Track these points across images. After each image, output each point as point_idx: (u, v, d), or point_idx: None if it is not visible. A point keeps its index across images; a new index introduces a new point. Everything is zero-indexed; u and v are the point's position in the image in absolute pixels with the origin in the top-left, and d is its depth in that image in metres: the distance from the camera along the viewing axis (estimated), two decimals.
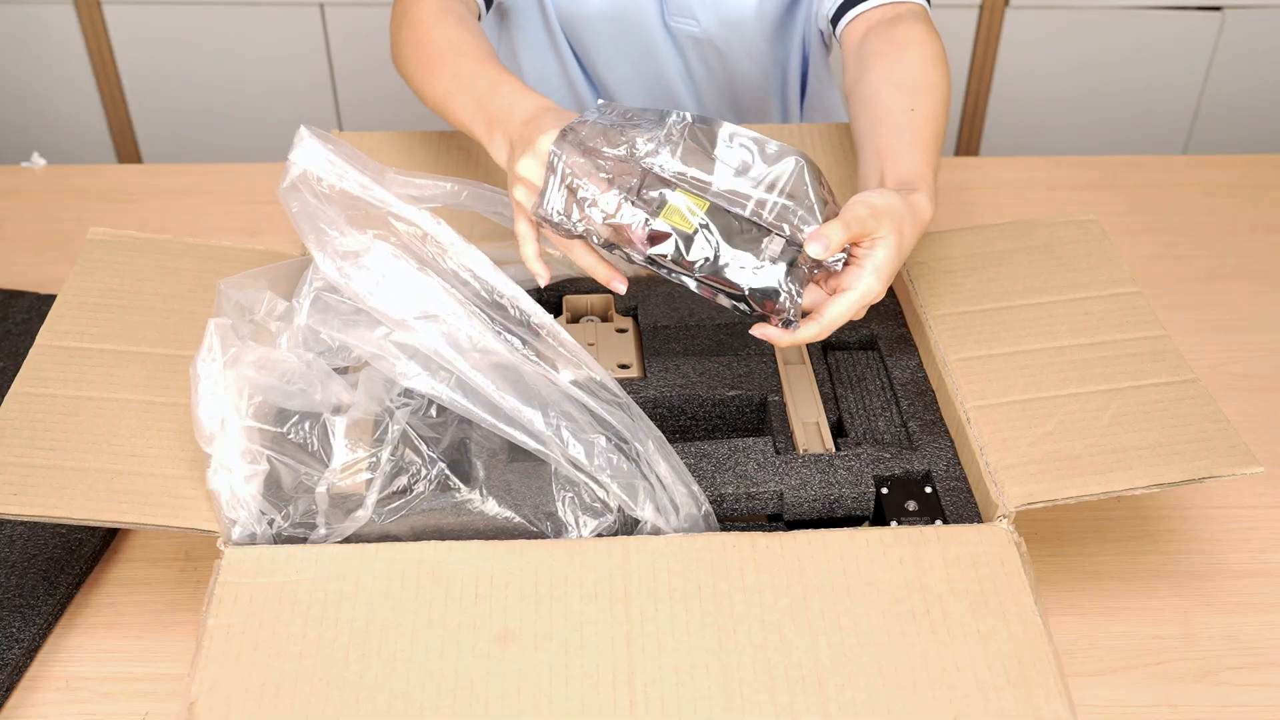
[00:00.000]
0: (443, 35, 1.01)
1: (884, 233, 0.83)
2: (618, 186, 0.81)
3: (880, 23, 1.07)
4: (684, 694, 0.71)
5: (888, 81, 1.01)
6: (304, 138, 0.87)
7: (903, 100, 0.98)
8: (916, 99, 0.99)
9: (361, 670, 0.72)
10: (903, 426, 0.93)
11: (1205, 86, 2.19)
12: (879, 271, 0.83)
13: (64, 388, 0.87)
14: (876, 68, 1.02)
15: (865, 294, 0.83)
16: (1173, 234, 1.27)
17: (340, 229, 0.85)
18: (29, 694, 0.83)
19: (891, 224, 0.84)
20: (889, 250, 0.83)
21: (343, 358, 0.86)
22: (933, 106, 0.99)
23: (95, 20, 2.11)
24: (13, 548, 0.90)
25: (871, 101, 1.00)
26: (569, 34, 1.26)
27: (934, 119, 0.98)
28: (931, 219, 0.90)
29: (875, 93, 1.00)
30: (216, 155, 2.24)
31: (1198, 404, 0.87)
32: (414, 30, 1.04)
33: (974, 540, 0.79)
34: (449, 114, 0.99)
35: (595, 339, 1.00)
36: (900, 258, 0.85)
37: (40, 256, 1.22)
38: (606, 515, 0.82)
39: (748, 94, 1.30)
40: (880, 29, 1.06)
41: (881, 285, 0.84)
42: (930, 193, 0.91)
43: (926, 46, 1.03)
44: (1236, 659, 0.86)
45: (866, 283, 0.83)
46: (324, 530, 0.81)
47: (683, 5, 1.21)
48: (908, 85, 1.00)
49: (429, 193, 0.95)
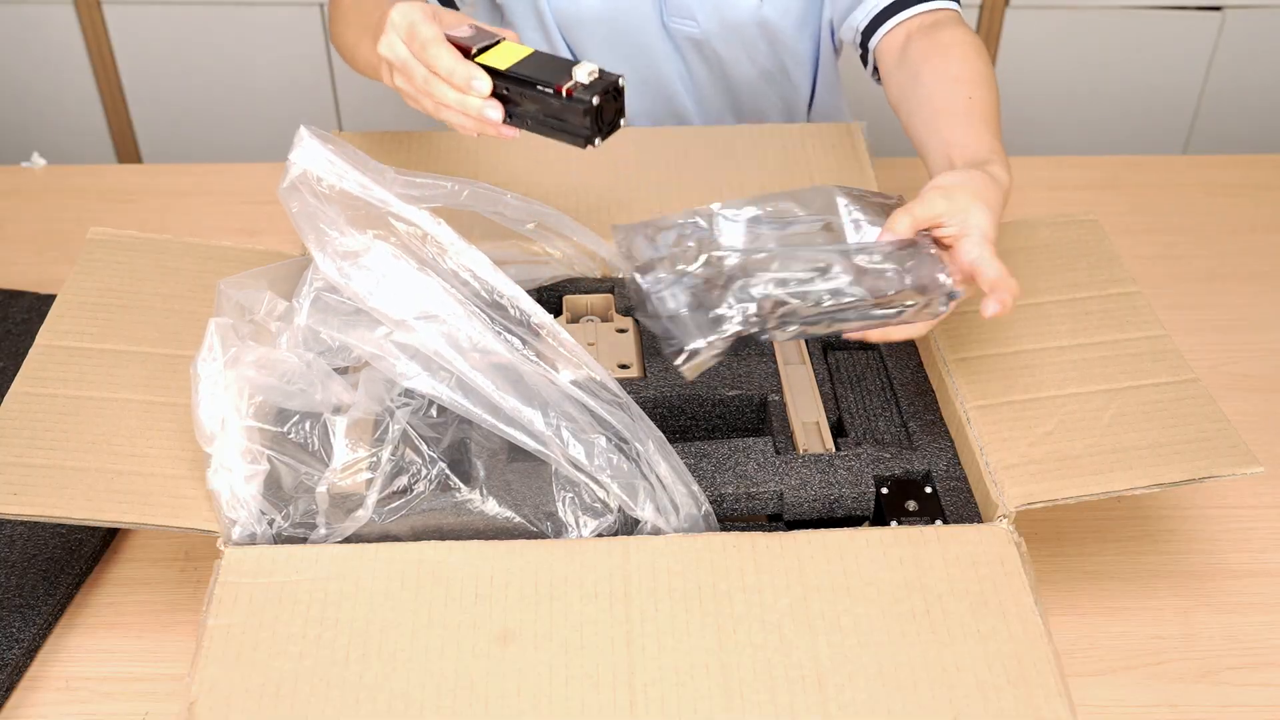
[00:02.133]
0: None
1: (963, 202, 0.83)
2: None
3: (920, 29, 1.09)
4: (684, 694, 0.71)
5: (942, 77, 1.03)
6: (304, 138, 0.87)
7: (960, 90, 1.00)
8: (972, 89, 1.00)
9: (361, 670, 0.72)
10: (903, 426, 0.93)
11: (1205, 86, 2.19)
12: (983, 233, 0.83)
13: (64, 388, 0.87)
14: (928, 69, 1.04)
15: (985, 271, 0.82)
16: (1173, 234, 1.27)
17: (340, 229, 0.85)
18: (29, 694, 0.83)
19: (969, 193, 0.84)
20: (980, 214, 0.83)
21: (343, 358, 0.86)
22: (989, 94, 1.01)
23: (95, 20, 2.11)
24: (13, 548, 0.90)
25: (929, 99, 1.02)
26: (565, 35, 1.25)
27: (992, 104, 1.00)
28: (1011, 187, 0.90)
29: (931, 92, 1.02)
30: (216, 155, 2.24)
31: (1198, 404, 0.87)
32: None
33: (974, 540, 0.79)
34: (360, 59, 1.03)
35: (595, 339, 1.00)
36: (994, 220, 0.84)
37: (40, 256, 1.22)
38: (607, 515, 0.82)
39: (748, 95, 1.30)
40: (921, 35, 1.09)
41: (989, 250, 0.82)
42: (1003, 164, 0.91)
43: (970, 45, 1.05)
44: (1236, 659, 0.86)
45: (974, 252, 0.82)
46: (324, 530, 0.81)
47: (682, 6, 1.21)
48: (962, 78, 1.02)
49: (429, 192, 0.95)
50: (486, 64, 0.85)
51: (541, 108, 0.85)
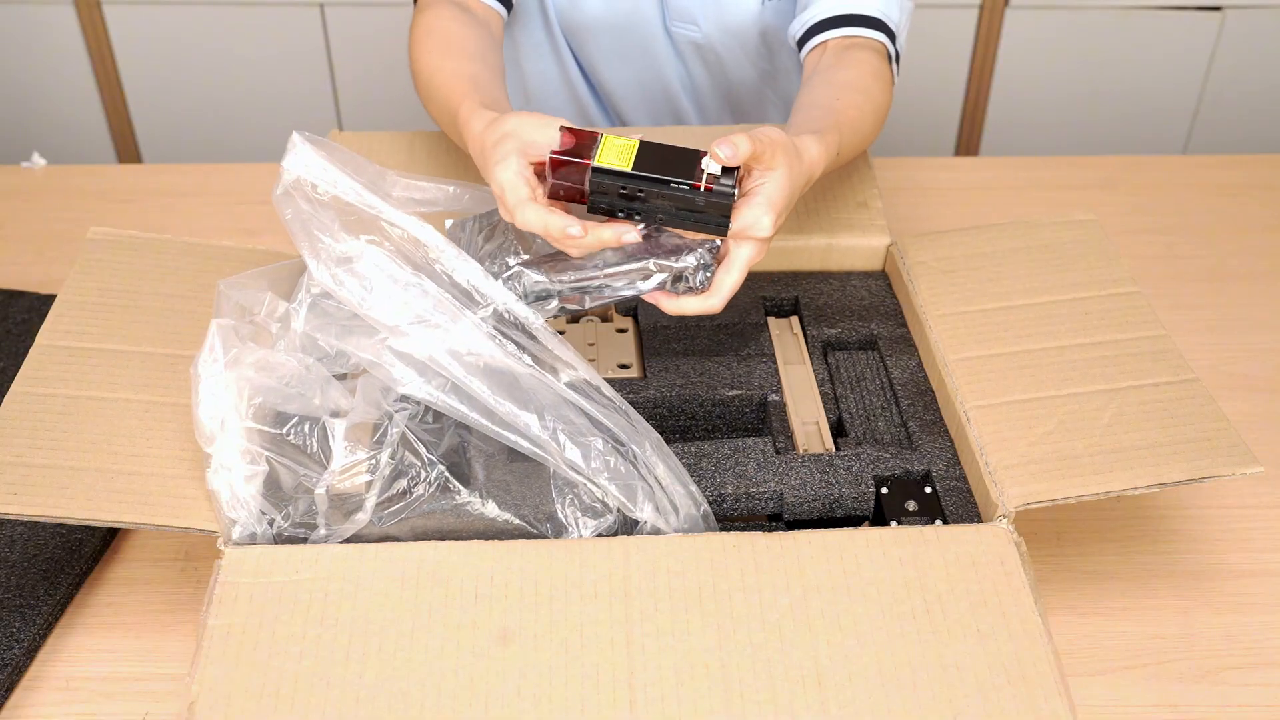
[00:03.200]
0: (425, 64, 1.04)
1: (778, 162, 0.83)
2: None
3: (837, 50, 1.09)
4: (684, 694, 0.71)
5: (826, 80, 1.03)
6: (297, 144, 0.87)
7: (829, 92, 1.00)
8: (844, 92, 1.00)
9: (361, 670, 0.72)
10: (903, 426, 0.93)
11: (1205, 86, 2.19)
12: (771, 204, 0.83)
13: (64, 388, 0.87)
14: (820, 73, 1.05)
15: (752, 227, 0.83)
16: (1173, 234, 1.27)
17: (334, 235, 0.85)
18: (29, 694, 0.83)
19: (786, 157, 0.84)
20: (778, 183, 0.83)
21: (341, 364, 0.86)
22: (856, 103, 1.00)
23: (95, 20, 2.11)
24: (13, 548, 0.90)
25: (804, 94, 1.02)
26: (570, 38, 1.26)
27: (854, 111, 0.99)
28: (818, 174, 0.90)
29: (807, 92, 1.02)
30: (216, 155, 2.24)
31: (1198, 404, 0.87)
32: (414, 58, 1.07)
33: (974, 540, 0.79)
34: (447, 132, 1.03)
35: (595, 339, 1.00)
36: (787, 197, 0.84)
37: (40, 256, 1.22)
38: (606, 516, 0.82)
39: (747, 98, 1.31)
40: (836, 52, 1.08)
41: (772, 221, 0.83)
42: (821, 153, 0.90)
43: (869, 66, 1.05)
44: (1236, 659, 0.86)
45: (755, 214, 0.83)
46: (324, 531, 0.81)
47: (684, 11, 1.21)
48: (843, 84, 1.02)
49: (431, 195, 0.95)
50: (608, 167, 0.82)
51: (675, 203, 0.83)
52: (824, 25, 1.10)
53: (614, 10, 1.21)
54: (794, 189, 0.85)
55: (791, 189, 0.85)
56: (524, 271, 0.87)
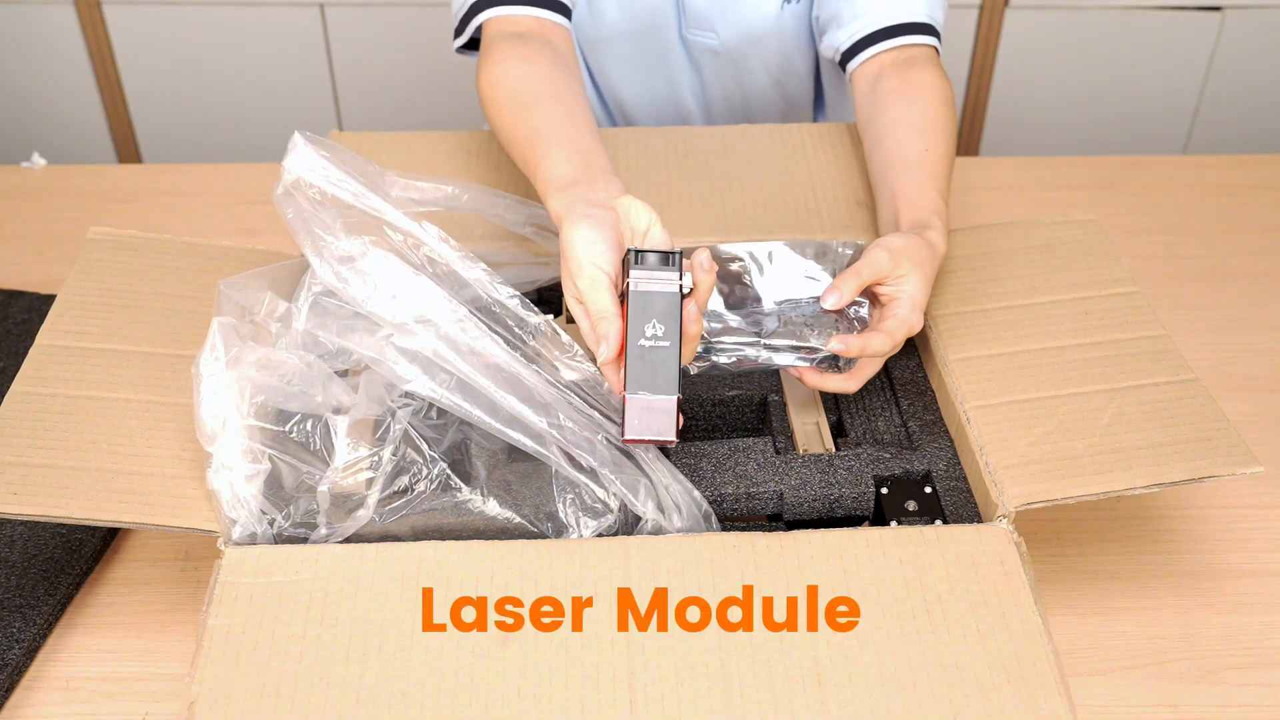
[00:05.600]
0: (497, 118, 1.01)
1: (905, 269, 0.88)
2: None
3: (894, 65, 1.10)
4: (684, 694, 0.71)
5: (903, 122, 1.04)
6: (298, 144, 0.87)
7: (918, 141, 1.02)
8: (930, 139, 1.02)
9: (361, 670, 0.72)
10: (903, 426, 0.93)
11: (1205, 86, 2.19)
12: (913, 301, 0.88)
13: (64, 387, 0.87)
14: (891, 109, 1.06)
15: (903, 324, 0.88)
16: (1173, 234, 1.27)
17: (336, 234, 0.85)
18: (29, 694, 0.83)
19: (911, 262, 0.89)
20: (915, 283, 0.88)
21: (342, 361, 0.86)
22: (945, 147, 1.03)
23: (95, 20, 2.11)
24: (13, 548, 0.90)
25: (886, 142, 1.04)
26: (584, 49, 1.26)
27: (946, 158, 1.02)
28: (945, 254, 0.95)
29: (890, 133, 1.04)
30: (216, 155, 2.24)
31: (1198, 404, 0.87)
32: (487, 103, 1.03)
33: (974, 540, 0.79)
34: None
35: None
36: (927, 290, 0.90)
37: (40, 256, 1.22)
38: (607, 515, 0.82)
39: (758, 104, 1.31)
40: (894, 70, 1.09)
41: (917, 316, 0.88)
42: (943, 230, 0.96)
43: (939, 91, 1.07)
44: (1236, 659, 0.86)
45: (902, 314, 0.88)
46: (325, 530, 0.81)
47: (703, 19, 1.21)
48: (922, 126, 1.03)
49: (430, 195, 0.95)
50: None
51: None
52: (871, 39, 1.11)
53: (632, 20, 1.21)
54: (930, 280, 0.91)
55: (928, 283, 0.90)
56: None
